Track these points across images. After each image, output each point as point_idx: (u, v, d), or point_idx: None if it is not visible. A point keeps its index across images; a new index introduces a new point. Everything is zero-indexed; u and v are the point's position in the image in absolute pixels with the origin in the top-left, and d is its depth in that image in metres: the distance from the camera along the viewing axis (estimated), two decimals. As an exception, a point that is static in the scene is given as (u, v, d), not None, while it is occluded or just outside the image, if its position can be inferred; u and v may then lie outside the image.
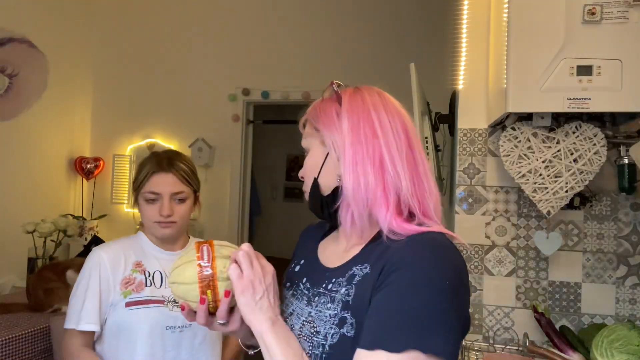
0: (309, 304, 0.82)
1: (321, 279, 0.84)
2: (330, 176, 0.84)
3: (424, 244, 0.73)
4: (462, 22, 1.69)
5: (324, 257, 0.90)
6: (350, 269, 0.79)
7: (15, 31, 2.92)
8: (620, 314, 1.52)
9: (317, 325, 0.77)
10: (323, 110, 0.86)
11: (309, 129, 0.89)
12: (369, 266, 0.76)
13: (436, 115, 2.00)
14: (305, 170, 0.90)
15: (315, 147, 0.87)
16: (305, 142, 0.90)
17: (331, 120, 0.84)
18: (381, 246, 0.77)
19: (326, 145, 0.84)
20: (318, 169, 0.86)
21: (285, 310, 0.87)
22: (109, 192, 3.92)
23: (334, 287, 0.79)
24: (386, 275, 0.70)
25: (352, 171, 0.79)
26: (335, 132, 0.82)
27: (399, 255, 0.72)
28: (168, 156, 1.39)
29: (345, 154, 0.80)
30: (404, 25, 3.20)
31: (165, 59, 3.76)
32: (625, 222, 1.53)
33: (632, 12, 1.21)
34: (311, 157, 0.88)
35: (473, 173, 1.63)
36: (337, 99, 0.85)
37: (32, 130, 3.23)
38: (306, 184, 0.89)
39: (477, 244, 1.62)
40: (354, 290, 0.75)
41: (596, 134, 1.36)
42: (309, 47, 3.39)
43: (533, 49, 1.27)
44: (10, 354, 1.81)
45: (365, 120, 0.81)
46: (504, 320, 1.59)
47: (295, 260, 0.97)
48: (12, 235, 2.76)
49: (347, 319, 0.73)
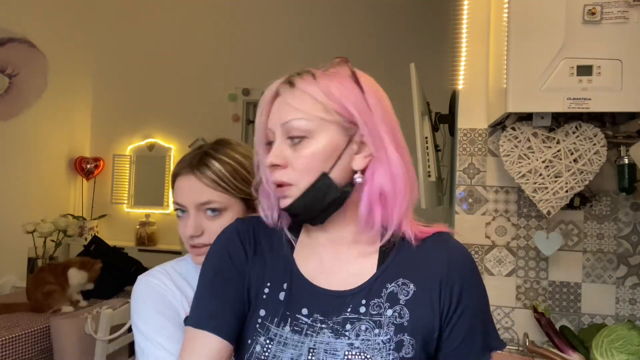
0: (340, 335, 0.69)
1: (338, 306, 0.70)
2: (344, 170, 0.70)
3: (468, 257, 0.78)
4: (462, 22, 1.69)
5: (315, 275, 0.74)
6: (385, 287, 0.71)
7: (15, 31, 2.92)
8: (620, 314, 1.52)
9: (371, 356, 0.67)
10: (345, 89, 0.70)
11: (314, 106, 0.69)
12: (412, 284, 0.71)
13: (436, 115, 2.00)
14: (303, 162, 0.69)
15: (328, 133, 0.69)
16: (305, 123, 0.69)
17: (361, 103, 0.69)
18: (404, 254, 0.73)
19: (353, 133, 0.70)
20: (332, 160, 0.69)
21: (284, 351, 0.69)
22: (109, 192, 3.92)
23: (372, 311, 0.70)
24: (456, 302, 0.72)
25: (393, 169, 0.70)
26: (369, 118, 0.69)
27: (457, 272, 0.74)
28: (204, 151, 0.99)
29: (388, 143, 0.70)
30: (404, 25, 3.20)
31: (165, 59, 3.76)
32: (625, 222, 1.53)
33: (632, 12, 1.21)
34: (318, 145, 0.69)
35: (473, 173, 1.63)
36: (355, 79, 0.72)
37: (32, 130, 3.23)
38: (298, 178, 0.70)
39: (477, 244, 1.62)
40: (407, 311, 0.70)
41: (596, 134, 1.36)
42: (309, 47, 3.39)
43: (533, 49, 1.27)
44: (10, 354, 1.81)
45: (388, 106, 0.73)
46: (504, 320, 1.59)
47: (266, 282, 0.74)
48: (12, 235, 2.76)
49: (405, 341, 0.69)
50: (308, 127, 0.69)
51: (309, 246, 0.77)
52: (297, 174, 0.70)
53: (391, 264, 0.73)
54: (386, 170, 0.70)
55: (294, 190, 0.70)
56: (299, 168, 0.69)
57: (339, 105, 0.69)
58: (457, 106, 1.68)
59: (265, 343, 0.70)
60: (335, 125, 0.69)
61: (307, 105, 0.69)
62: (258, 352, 0.70)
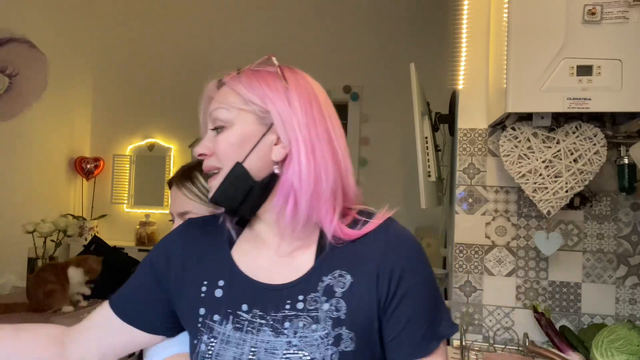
0: (279, 333, 0.69)
1: (275, 301, 0.70)
2: (262, 160, 0.71)
3: (407, 240, 0.74)
4: (462, 22, 1.69)
5: (255, 270, 0.74)
6: (321, 280, 0.70)
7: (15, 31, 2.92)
8: (620, 314, 1.52)
9: (309, 353, 0.67)
10: (265, 82, 0.72)
11: (235, 98, 0.72)
12: (349, 275, 0.70)
13: (436, 115, 2.00)
14: (220, 148, 0.72)
15: (244, 123, 0.72)
16: (225, 113, 0.72)
17: (279, 95, 0.71)
18: (343, 246, 0.72)
19: (270, 123, 0.71)
20: (245, 149, 0.71)
21: (226, 349, 0.70)
22: (109, 192, 3.92)
23: (309, 306, 0.69)
24: (395, 288, 0.69)
25: (309, 157, 0.70)
26: (284, 109, 0.71)
27: (395, 258, 0.70)
28: (191, 165, 1.08)
29: (300, 137, 0.70)
30: (404, 25, 3.20)
31: (165, 59, 3.76)
32: (625, 222, 1.53)
33: (632, 12, 1.21)
34: (234, 133, 0.72)
35: (473, 173, 1.63)
36: (282, 74, 0.74)
37: (32, 130, 3.23)
38: (219, 162, 0.72)
39: (477, 244, 1.62)
40: (344, 304, 0.69)
41: (596, 134, 1.36)
42: (309, 47, 3.39)
43: (533, 49, 1.27)
44: (10, 354, 1.81)
45: (314, 101, 0.73)
46: (504, 320, 1.59)
47: (203, 281, 0.75)
48: (12, 235, 2.76)
49: (343, 335, 0.68)
50: (227, 117, 0.72)
51: (250, 241, 0.78)
52: (217, 161, 0.73)
53: (328, 256, 0.72)
54: (295, 167, 0.70)
55: (219, 176, 0.72)
56: (219, 153, 0.72)
57: (256, 97, 0.71)
58: (457, 106, 1.68)
59: (209, 341, 0.71)
60: (251, 114, 0.72)
61: (228, 97, 0.73)
62: (203, 351, 0.71)
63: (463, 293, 1.62)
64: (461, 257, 1.63)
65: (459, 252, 1.63)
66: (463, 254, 1.63)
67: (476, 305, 1.61)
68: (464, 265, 1.62)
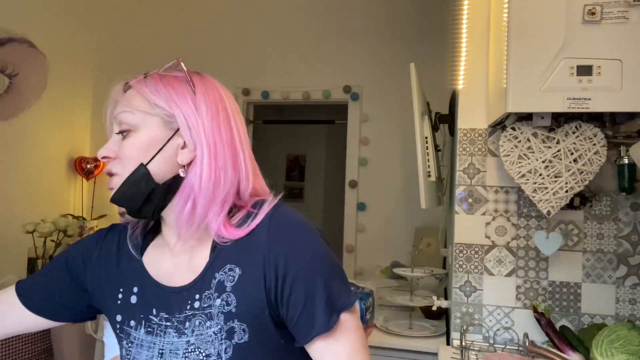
0: (181, 334, 0.71)
1: (179, 303, 0.73)
2: (167, 163, 0.72)
3: (288, 226, 0.72)
4: (462, 22, 1.69)
5: (161, 274, 0.76)
6: (213, 277, 0.71)
7: (15, 31, 2.92)
8: (620, 314, 1.52)
9: (204, 349, 0.69)
10: (172, 87, 0.73)
11: (141, 102, 0.73)
12: (238, 267, 0.71)
13: (436, 115, 2.00)
14: (126, 152, 0.73)
15: (150, 127, 0.72)
16: (130, 116, 0.73)
17: (185, 100, 0.72)
18: (234, 241, 0.72)
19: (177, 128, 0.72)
20: (151, 152, 0.72)
21: (140, 352, 0.73)
22: (109, 192, 3.91)
23: (204, 304, 0.71)
24: (283, 274, 0.69)
25: (212, 162, 0.72)
26: (191, 114, 0.72)
27: (278, 244, 0.70)
28: None
29: (205, 142, 0.72)
30: (404, 25, 3.20)
31: (165, 59, 3.75)
32: (625, 222, 1.53)
33: (632, 12, 1.21)
34: (140, 137, 0.72)
35: (473, 173, 1.63)
36: (189, 79, 0.75)
37: (32, 130, 3.23)
38: (123, 168, 0.73)
39: (477, 244, 1.62)
40: (234, 297, 0.70)
41: (596, 134, 1.36)
42: (309, 47, 3.39)
43: (533, 49, 1.27)
44: (10, 354, 1.81)
45: (221, 107, 0.75)
46: (504, 320, 1.59)
47: (119, 288, 0.78)
48: (12, 235, 2.76)
49: (236, 328, 0.69)
50: (130, 120, 0.73)
51: (158, 246, 0.79)
52: (121, 164, 0.73)
53: (220, 253, 0.73)
54: (198, 168, 0.72)
55: (116, 180, 0.74)
56: (122, 157, 0.73)
57: (162, 100, 0.72)
58: (457, 106, 1.68)
59: (127, 346, 0.75)
60: (157, 118, 0.72)
61: (134, 100, 0.73)
62: (123, 355, 0.76)
63: (463, 293, 1.62)
64: (461, 257, 1.63)
65: (459, 252, 1.63)
66: (463, 254, 1.63)
67: (476, 305, 1.61)
68: (464, 265, 1.62)
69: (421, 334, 1.86)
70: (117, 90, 0.78)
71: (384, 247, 2.88)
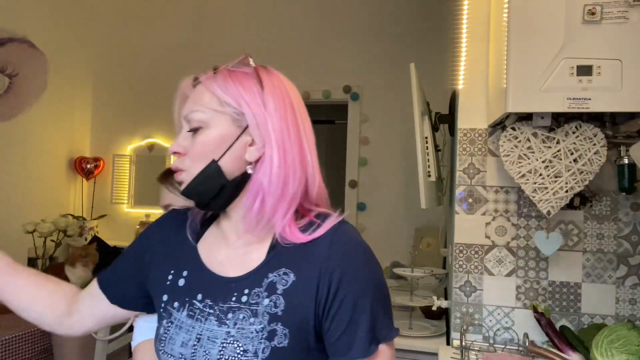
0: (222, 323, 0.72)
1: (226, 292, 0.74)
2: (236, 161, 0.73)
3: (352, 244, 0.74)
4: (462, 22, 1.69)
5: (214, 263, 0.78)
6: (266, 277, 0.72)
7: (15, 31, 2.92)
8: (620, 314, 1.52)
9: (243, 344, 0.69)
10: (241, 84, 0.73)
11: (210, 99, 0.73)
12: (293, 273, 0.72)
13: (436, 115, 2.01)
14: (197, 148, 0.73)
15: (220, 124, 0.73)
16: (201, 115, 0.73)
17: (254, 97, 0.73)
18: (294, 246, 0.73)
19: (246, 125, 0.73)
20: (221, 149, 0.73)
21: (178, 333, 0.74)
22: (109, 192, 3.92)
23: (251, 300, 0.72)
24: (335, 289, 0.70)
25: (281, 160, 0.72)
26: (259, 112, 0.72)
27: (337, 261, 0.71)
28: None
29: (274, 140, 0.72)
30: (404, 25, 3.20)
31: (165, 59, 3.76)
32: (625, 222, 1.53)
33: (632, 12, 1.21)
34: (211, 134, 0.73)
35: (473, 173, 1.63)
36: (256, 75, 0.75)
37: (32, 130, 3.23)
38: (192, 164, 0.74)
39: (477, 244, 1.62)
40: (283, 301, 0.70)
41: (596, 134, 1.36)
42: (309, 47, 3.39)
43: (533, 49, 1.27)
44: (10, 354, 1.81)
45: (287, 103, 0.75)
46: (504, 320, 1.59)
47: (170, 270, 0.81)
48: (12, 235, 2.76)
49: (278, 331, 0.69)
50: (202, 118, 0.73)
51: (215, 235, 0.81)
52: (190, 160, 0.74)
53: (277, 254, 0.74)
54: (267, 168, 0.73)
55: (185, 176, 0.75)
56: (192, 154, 0.74)
57: (231, 98, 0.73)
58: (457, 106, 1.68)
59: (167, 325, 0.76)
60: (227, 116, 0.73)
61: (204, 98, 0.74)
62: (161, 334, 0.77)
63: (463, 293, 1.62)
64: (461, 257, 1.63)
65: (459, 252, 1.63)
66: (463, 254, 1.63)
67: (476, 305, 1.61)
68: (464, 265, 1.62)
69: (421, 334, 1.86)
70: (186, 85, 0.79)
71: (384, 247, 2.88)
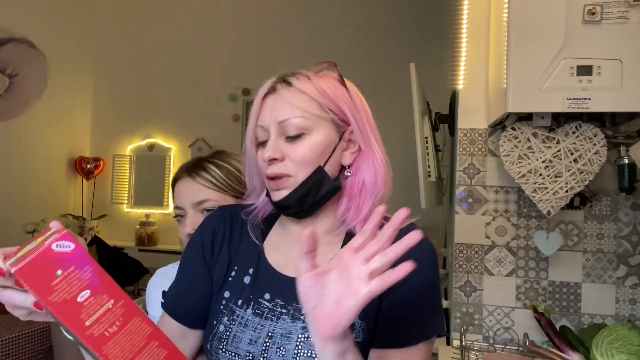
0: (296, 319, 0.71)
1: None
2: (335, 165, 0.75)
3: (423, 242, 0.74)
4: (462, 22, 1.69)
5: (283, 264, 0.77)
6: None
7: (15, 31, 2.92)
8: (620, 314, 1.52)
9: None
10: (334, 87, 0.75)
11: (309, 104, 0.73)
12: None
13: (436, 115, 2.00)
14: (304, 154, 0.72)
15: (324, 129, 0.73)
16: (302, 120, 0.72)
17: (349, 101, 0.75)
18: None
19: (344, 130, 0.75)
20: (326, 155, 0.73)
21: (244, 332, 0.73)
22: (109, 192, 3.92)
23: None
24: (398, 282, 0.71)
25: (375, 162, 0.75)
26: (358, 116, 0.75)
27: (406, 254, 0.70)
28: (200, 157, 1.10)
29: (372, 139, 0.76)
30: (404, 25, 3.20)
31: (165, 59, 3.76)
32: (625, 222, 1.53)
33: (632, 12, 1.21)
34: (316, 140, 0.72)
35: (473, 173, 1.63)
36: (342, 81, 0.77)
37: (32, 130, 3.23)
38: (296, 170, 0.73)
39: (477, 244, 1.62)
40: None
41: (596, 134, 1.36)
42: (309, 47, 3.39)
43: (533, 49, 1.27)
44: (10, 354, 1.81)
45: (369, 109, 0.79)
46: (504, 320, 1.59)
47: (234, 267, 0.79)
48: (12, 235, 2.76)
49: (356, 325, 0.70)
50: (305, 124, 0.72)
51: (281, 236, 0.81)
52: (295, 166, 0.73)
53: None
54: (371, 165, 0.75)
55: (291, 182, 0.73)
56: (297, 160, 0.72)
57: (332, 104, 0.74)
58: (457, 106, 1.68)
59: (229, 323, 0.74)
60: (329, 122, 0.74)
61: (304, 102, 0.73)
62: (221, 331, 0.73)
63: (463, 293, 1.62)
64: (461, 257, 1.63)
65: (459, 252, 1.63)
66: (463, 254, 1.63)
67: (476, 305, 1.61)
68: (464, 265, 1.62)
69: (421, 334, 1.85)
70: (278, 85, 0.76)
71: (384, 247, 2.87)
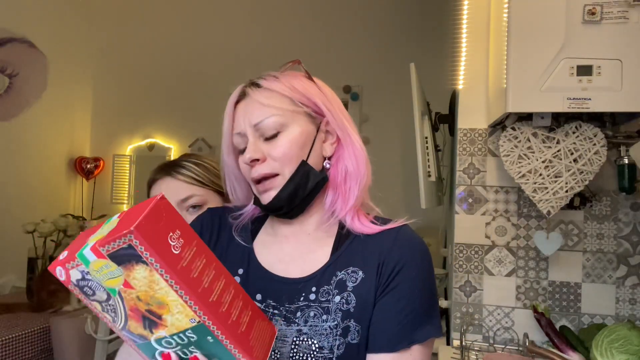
0: (291, 322, 0.71)
1: (291, 294, 0.72)
2: (317, 157, 0.75)
3: (415, 242, 0.75)
4: (462, 22, 1.69)
5: (273, 264, 0.76)
6: (334, 275, 0.73)
7: (15, 31, 2.92)
8: (620, 314, 1.52)
9: (318, 341, 0.69)
10: (302, 81, 0.75)
11: (281, 101, 0.73)
12: (361, 271, 0.72)
13: (436, 115, 2.00)
14: (284, 151, 0.72)
15: (300, 123, 0.73)
16: (277, 118, 0.71)
17: (319, 93, 0.75)
18: (356, 243, 0.74)
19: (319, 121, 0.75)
20: (307, 148, 0.73)
21: None
22: (109, 192, 3.92)
23: (321, 297, 0.71)
24: (390, 278, 0.71)
25: (354, 152, 0.75)
26: (330, 105, 0.75)
27: (397, 254, 0.72)
28: (173, 159, 1.12)
29: (345, 131, 0.75)
30: (404, 25, 3.20)
31: (165, 59, 3.76)
32: (625, 222, 1.53)
33: (632, 12, 1.21)
34: (293, 134, 0.72)
35: (473, 173, 1.63)
36: (309, 76, 0.78)
37: (32, 130, 3.23)
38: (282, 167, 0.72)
39: (477, 244, 1.62)
40: (354, 297, 0.71)
41: (596, 134, 1.36)
42: (309, 47, 3.39)
43: (533, 49, 1.27)
44: (10, 354, 1.81)
45: (338, 99, 0.80)
46: (504, 320, 1.59)
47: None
48: (12, 235, 2.76)
49: (351, 327, 0.70)
50: (280, 121, 0.72)
51: (271, 236, 0.80)
52: (279, 163, 0.72)
53: (343, 253, 0.74)
54: (351, 152, 0.75)
55: (279, 180, 0.73)
56: (279, 157, 0.72)
57: (303, 97, 0.74)
58: (457, 106, 1.68)
59: None
60: (303, 115, 0.74)
61: (275, 101, 0.73)
62: None
63: (463, 293, 1.62)
64: (461, 257, 1.63)
65: (459, 252, 1.63)
66: (463, 254, 1.63)
67: (476, 305, 1.61)
68: (464, 265, 1.62)
69: (421, 334, 1.85)
70: (248, 90, 0.77)
71: (384, 247, 2.87)
